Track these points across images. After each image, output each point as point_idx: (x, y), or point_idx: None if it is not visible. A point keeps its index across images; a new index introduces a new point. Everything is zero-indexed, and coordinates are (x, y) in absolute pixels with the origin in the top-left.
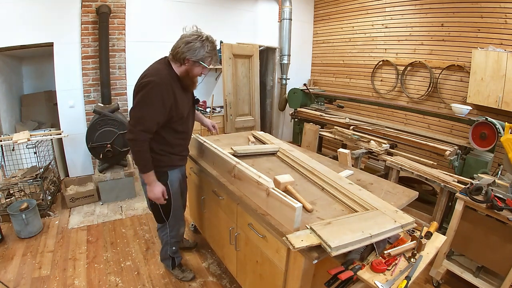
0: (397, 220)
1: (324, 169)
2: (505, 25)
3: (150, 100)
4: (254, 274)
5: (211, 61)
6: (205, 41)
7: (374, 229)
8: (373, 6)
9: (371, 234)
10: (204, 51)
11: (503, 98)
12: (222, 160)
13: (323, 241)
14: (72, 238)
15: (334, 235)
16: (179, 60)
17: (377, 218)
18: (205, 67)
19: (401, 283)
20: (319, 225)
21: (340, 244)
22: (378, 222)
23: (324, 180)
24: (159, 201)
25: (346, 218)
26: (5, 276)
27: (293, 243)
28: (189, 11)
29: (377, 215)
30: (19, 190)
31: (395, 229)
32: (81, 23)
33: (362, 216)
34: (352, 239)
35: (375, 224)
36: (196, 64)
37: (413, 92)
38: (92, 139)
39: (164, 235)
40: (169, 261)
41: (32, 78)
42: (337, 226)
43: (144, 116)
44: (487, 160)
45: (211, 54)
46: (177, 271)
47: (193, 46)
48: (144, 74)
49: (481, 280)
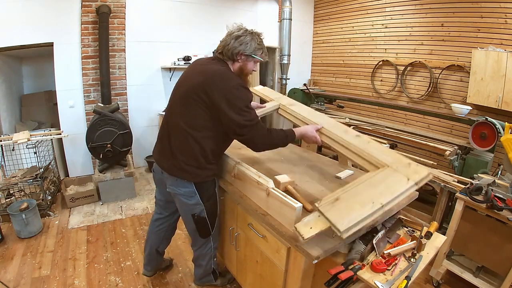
0: (410, 177)
1: (330, 122)
2: (505, 25)
3: (249, 102)
4: (254, 274)
5: (263, 54)
6: (254, 34)
7: (386, 196)
8: (373, 6)
9: (382, 203)
10: (256, 44)
11: (503, 98)
12: (222, 160)
13: (332, 224)
14: (72, 238)
15: (342, 214)
16: (231, 57)
17: (388, 179)
18: (258, 60)
19: (401, 283)
20: (327, 204)
21: (350, 225)
22: (389, 185)
23: (329, 136)
24: (318, 140)
25: (354, 188)
26: (5, 276)
27: (303, 233)
28: (189, 11)
29: (388, 176)
30: (19, 190)
31: (408, 189)
32: (81, 23)
33: (372, 181)
34: (362, 215)
35: (386, 189)
36: (249, 59)
37: (413, 92)
38: (92, 139)
39: (208, 250)
40: (210, 276)
41: (32, 78)
42: (345, 201)
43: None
44: (487, 160)
45: (262, 46)
46: (220, 280)
47: (244, 40)
48: (223, 77)
49: (481, 280)
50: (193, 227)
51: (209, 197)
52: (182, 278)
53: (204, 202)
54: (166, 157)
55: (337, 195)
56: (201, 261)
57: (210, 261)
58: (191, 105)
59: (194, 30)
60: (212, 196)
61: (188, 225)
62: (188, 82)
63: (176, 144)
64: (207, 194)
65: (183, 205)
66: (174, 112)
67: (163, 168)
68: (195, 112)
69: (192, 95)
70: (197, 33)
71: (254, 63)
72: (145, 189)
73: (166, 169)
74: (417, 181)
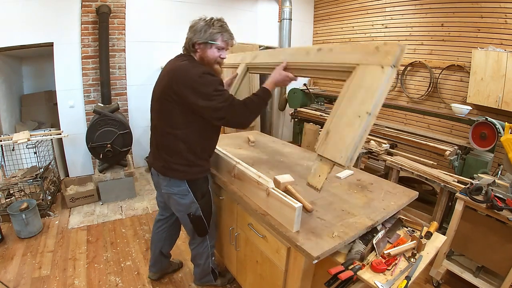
0: (383, 64)
1: (291, 52)
2: (505, 25)
3: (217, 85)
4: (254, 274)
5: (223, 38)
6: (210, 20)
7: (368, 102)
8: (373, 6)
9: (368, 111)
10: (212, 29)
11: (503, 98)
12: (222, 160)
13: (334, 163)
14: (72, 238)
15: (338, 146)
16: (191, 49)
17: (363, 81)
18: (220, 46)
19: (401, 283)
20: (322, 144)
21: (348, 154)
22: (367, 86)
23: (295, 67)
24: (290, 76)
25: (338, 111)
26: (5, 276)
27: (316, 185)
28: (189, 11)
29: (362, 76)
30: (19, 190)
31: (388, 79)
32: (81, 23)
33: (349, 93)
34: (355, 137)
35: (366, 93)
36: (207, 46)
37: (413, 92)
38: (92, 139)
39: (205, 248)
40: (210, 276)
41: (32, 78)
42: (336, 131)
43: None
44: (487, 160)
45: (221, 30)
46: (220, 280)
47: (198, 28)
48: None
49: (481, 280)
50: (190, 227)
51: (203, 194)
52: (182, 278)
53: (198, 200)
54: (157, 159)
55: (327, 129)
56: (198, 260)
57: (207, 259)
58: (166, 106)
59: None
60: (206, 194)
61: (186, 226)
62: (159, 84)
63: (162, 146)
64: (200, 191)
65: (178, 205)
66: (155, 115)
67: (157, 170)
68: (170, 112)
69: (164, 96)
70: None
71: (217, 50)
72: (145, 189)
73: (159, 171)
74: (392, 63)
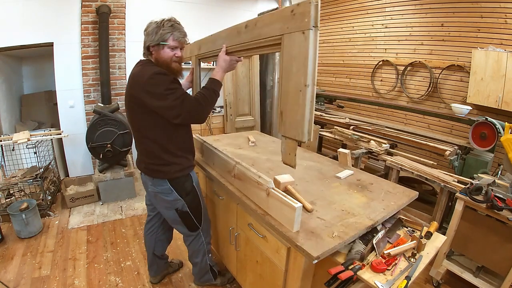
0: (303, 28)
1: (226, 35)
2: (505, 25)
3: (168, 83)
4: (254, 274)
5: (174, 37)
6: (161, 22)
7: (303, 74)
8: (373, 6)
9: (306, 83)
10: (161, 30)
11: (503, 98)
12: (222, 160)
13: (297, 140)
14: (72, 238)
15: (294, 124)
16: (147, 53)
17: (291, 50)
18: (172, 46)
19: (401, 283)
20: (280, 124)
21: (304, 130)
22: (296, 56)
23: (233, 50)
24: (235, 59)
25: (282, 89)
26: (5, 276)
27: (289, 162)
28: (189, 11)
29: (289, 47)
30: (19, 190)
31: (312, 44)
32: (81, 23)
33: (285, 65)
34: (303, 113)
35: (298, 65)
36: (160, 47)
37: (413, 92)
38: (92, 139)
39: (200, 245)
40: (209, 274)
41: (32, 78)
42: (285, 109)
43: (175, 91)
44: (487, 160)
45: (171, 30)
46: (220, 279)
47: (149, 31)
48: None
49: (481, 280)
50: (178, 220)
51: (187, 192)
52: (182, 278)
53: (183, 197)
54: (140, 161)
55: (280, 109)
56: (195, 258)
57: (204, 257)
58: (133, 112)
59: (194, 30)
60: (190, 192)
61: (174, 221)
62: (126, 92)
63: (140, 149)
64: (184, 190)
65: (165, 202)
66: (128, 121)
67: (141, 170)
68: (137, 116)
69: (129, 103)
70: (197, 33)
71: (170, 50)
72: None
73: (142, 171)
74: (311, 25)
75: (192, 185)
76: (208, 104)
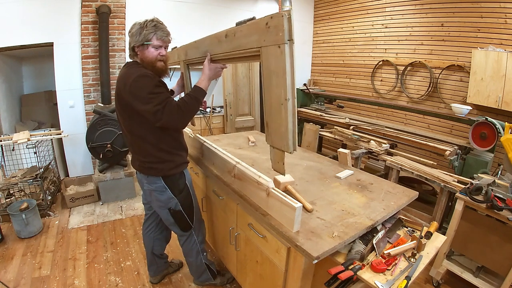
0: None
1: (209, 42)
2: (505, 25)
3: (152, 87)
4: (254, 274)
5: (157, 36)
6: (144, 22)
7: (282, 88)
8: (373, 6)
9: (286, 97)
10: (144, 31)
11: (503, 98)
12: (222, 160)
13: (282, 151)
14: (72, 238)
15: (278, 136)
16: (133, 54)
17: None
18: (155, 45)
19: (401, 283)
20: (267, 135)
21: (288, 142)
22: (275, 71)
23: (217, 59)
24: (220, 67)
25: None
26: (5, 276)
27: (279, 170)
28: (189, 11)
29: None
30: (19, 190)
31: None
32: (81, 23)
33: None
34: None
35: (277, 79)
36: (145, 47)
37: (413, 92)
38: (92, 139)
39: (194, 245)
40: (207, 273)
41: (32, 78)
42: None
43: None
44: (487, 160)
45: (154, 29)
46: (220, 278)
47: (134, 32)
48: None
49: (481, 280)
50: (171, 220)
51: (180, 190)
52: (182, 278)
53: (177, 196)
54: (134, 159)
55: (266, 120)
56: (189, 258)
57: (198, 256)
58: (123, 113)
59: (194, 30)
60: (183, 189)
61: (167, 221)
62: (115, 93)
63: (134, 148)
64: (177, 187)
65: (158, 201)
66: (120, 121)
67: (136, 169)
68: (128, 117)
69: (118, 106)
70: (197, 32)
71: (154, 49)
72: None
73: (137, 169)
74: (286, 39)
75: (185, 183)
76: (188, 111)
